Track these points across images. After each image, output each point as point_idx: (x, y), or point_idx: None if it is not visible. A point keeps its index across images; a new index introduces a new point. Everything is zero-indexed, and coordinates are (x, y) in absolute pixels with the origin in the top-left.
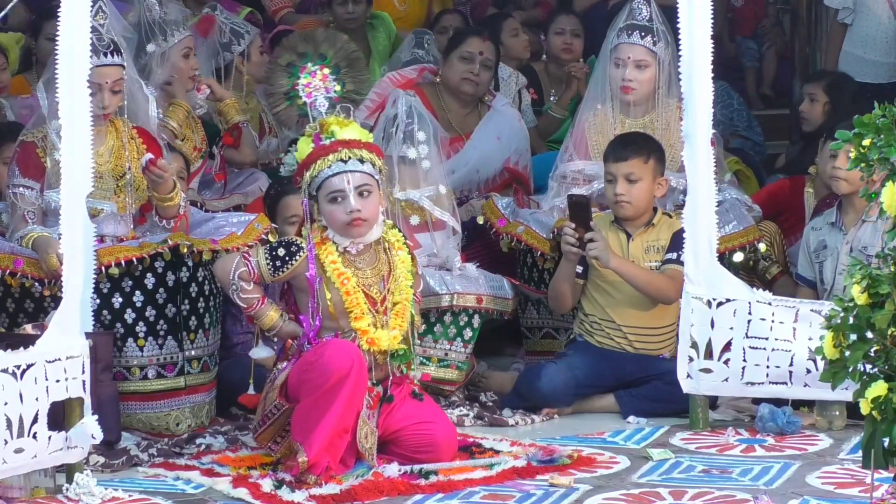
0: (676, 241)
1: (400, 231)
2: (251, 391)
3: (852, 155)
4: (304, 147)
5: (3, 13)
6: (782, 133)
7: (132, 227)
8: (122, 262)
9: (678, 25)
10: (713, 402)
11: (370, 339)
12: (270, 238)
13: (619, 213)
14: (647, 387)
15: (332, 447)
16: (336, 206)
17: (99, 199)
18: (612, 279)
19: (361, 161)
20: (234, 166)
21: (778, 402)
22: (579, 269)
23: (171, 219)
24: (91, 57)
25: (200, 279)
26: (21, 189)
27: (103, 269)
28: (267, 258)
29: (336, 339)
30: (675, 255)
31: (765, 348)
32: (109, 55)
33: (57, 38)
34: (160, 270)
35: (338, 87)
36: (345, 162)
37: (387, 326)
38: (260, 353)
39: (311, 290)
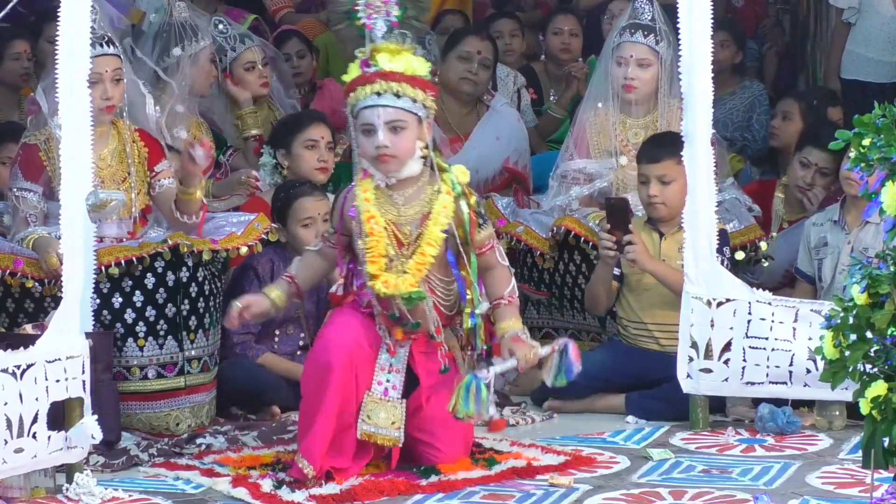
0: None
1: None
2: None
3: (852, 155)
4: (353, 71)
5: (2, 13)
6: None
7: (133, 230)
8: (122, 262)
9: (678, 25)
10: (720, 406)
11: (383, 283)
12: (270, 237)
13: (653, 214)
14: (659, 389)
15: (336, 447)
16: (366, 140)
17: (109, 190)
18: (645, 280)
19: (397, 95)
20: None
21: (778, 402)
22: (616, 270)
23: (193, 214)
24: None
25: (200, 279)
26: (23, 192)
27: (103, 268)
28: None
29: (331, 328)
30: None
31: (765, 348)
32: (105, 45)
33: (57, 39)
34: (160, 270)
35: (397, 12)
36: (379, 95)
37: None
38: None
39: (341, 225)
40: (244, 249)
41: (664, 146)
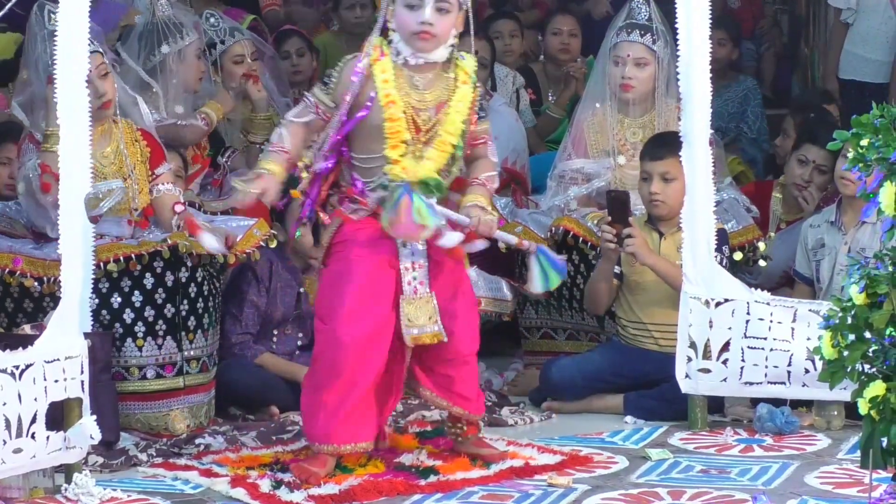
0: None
1: (477, 72)
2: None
3: (850, 155)
4: None
5: (1, 12)
6: (779, 133)
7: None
8: (121, 258)
9: (677, 25)
10: (719, 406)
11: (401, 169)
12: (269, 244)
13: (654, 212)
14: (657, 388)
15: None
16: (410, 13)
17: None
18: (644, 280)
19: None
20: None
21: (776, 402)
22: (617, 269)
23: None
24: None
25: (199, 279)
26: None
27: (101, 265)
28: (319, 83)
29: (341, 316)
30: None
31: (763, 348)
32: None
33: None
34: (159, 270)
35: None
36: None
37: (422, 158)
38: (211, 242)
39: (348, 94)
40: (242, 256)
41: (668, 144)
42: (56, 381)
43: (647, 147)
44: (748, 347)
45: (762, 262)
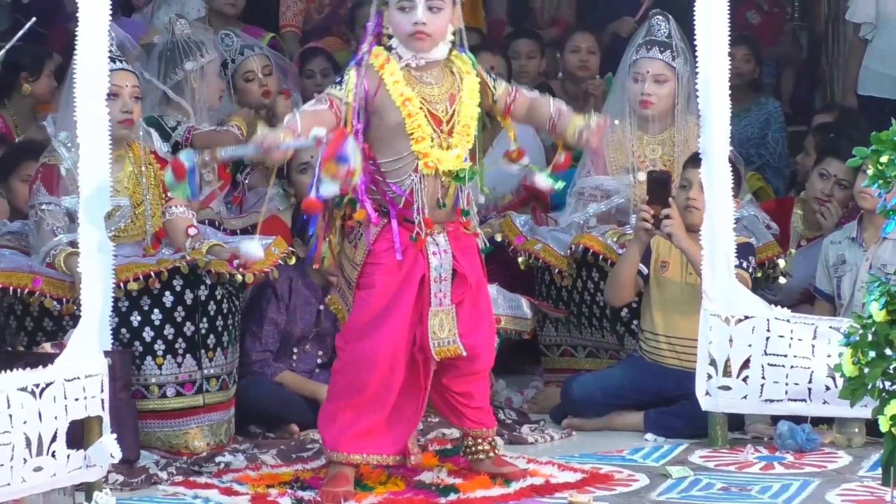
0: (738, 253)
1: (471, 60)
2: None
3: (870, 172)
4: None
5: (17, 35)
6: (799, 150)
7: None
8: (141, 277)
9: (696, 42)
10: (739, 424)
11: (434, 160)
12: (288, 261)
13: (688, 219)
14: (678, 406)
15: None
16: (403, 16)
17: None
18: (670, 289)
19: None
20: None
21: (797, 420)
22: (643, 269)
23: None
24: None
25: (219, 297)
26: (48, 206)
27: (122, 285)
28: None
29: (375, 338)
30: (736, 262)
31: (784, 365)
32: (121, 62)
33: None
34: (178, 288)
35: None
36: None
37: (449, 148)
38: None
39: (357, 107)
40: (261, 276)
41: None
42: (76, 399)
43: (691, 157)
44: (768, 364)
45: (782, 279)
